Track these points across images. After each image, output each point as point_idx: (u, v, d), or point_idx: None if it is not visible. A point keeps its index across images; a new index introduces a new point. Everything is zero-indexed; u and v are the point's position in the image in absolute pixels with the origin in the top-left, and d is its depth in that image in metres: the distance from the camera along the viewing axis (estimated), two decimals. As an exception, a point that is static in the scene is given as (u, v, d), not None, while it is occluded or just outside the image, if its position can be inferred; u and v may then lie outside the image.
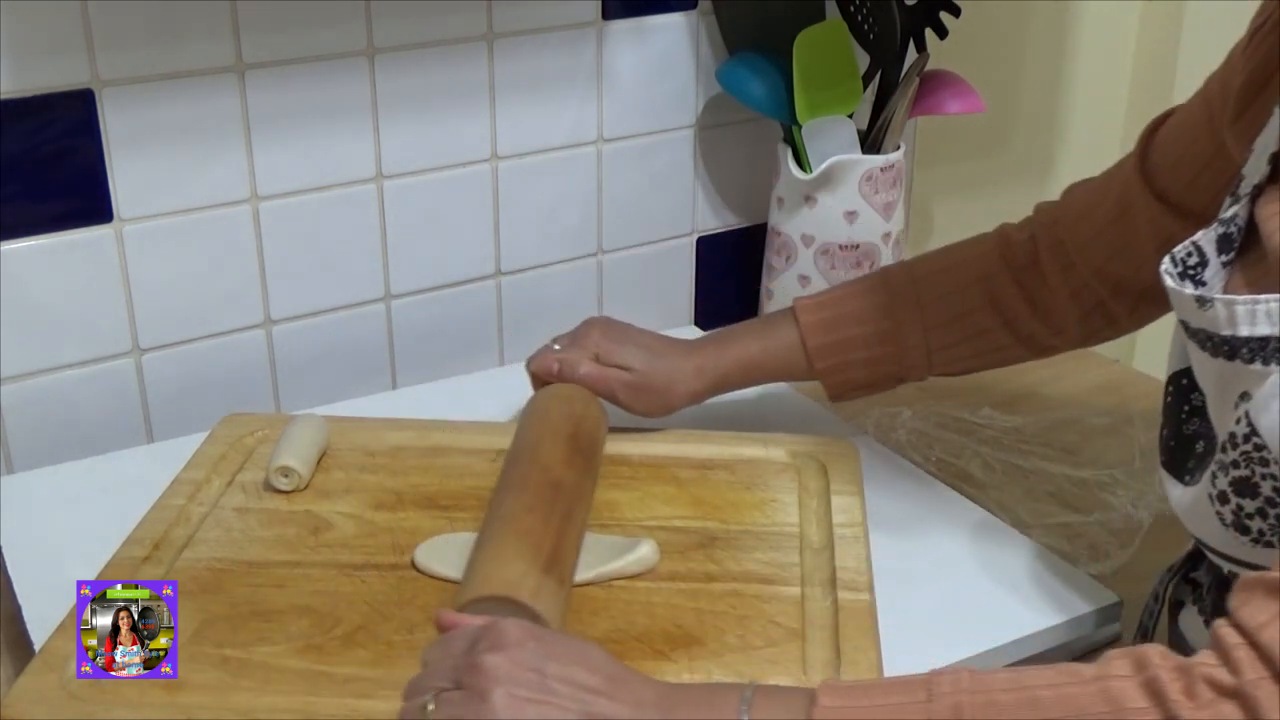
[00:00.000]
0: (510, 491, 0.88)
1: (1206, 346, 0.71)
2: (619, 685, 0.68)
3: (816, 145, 1.23)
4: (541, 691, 0.66)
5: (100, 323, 1.09)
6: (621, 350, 1.01)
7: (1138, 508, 1.07)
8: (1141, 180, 0.93)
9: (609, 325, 1.05)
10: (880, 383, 1.03)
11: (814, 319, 1.02)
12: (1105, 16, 1.61)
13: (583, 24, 1.23)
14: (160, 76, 1.05)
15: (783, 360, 1.03)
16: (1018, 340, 1.00)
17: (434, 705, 0.68)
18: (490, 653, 0.68)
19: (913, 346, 1.01)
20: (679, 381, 1.01)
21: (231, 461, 1.00)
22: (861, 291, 1.03)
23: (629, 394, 1.01)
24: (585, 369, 1.01)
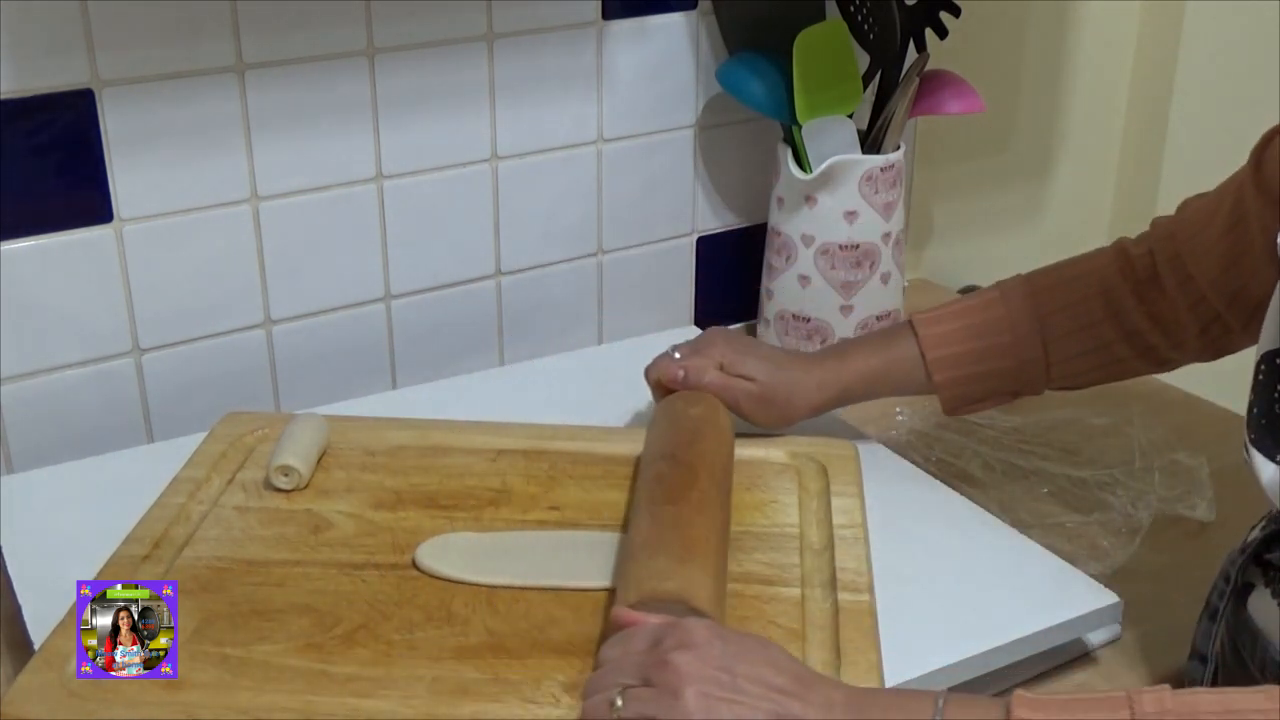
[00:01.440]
0: (665, 498, 0.87)
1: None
2: (807, 686, 0.68)
3: (816, 145, 1.23)
4: (733, 691, 0.67)
5: (100, 323, 1.09)
6: (745, 361, 1.02)
7: (1138, 508, 1.07)
8: (1256, 189, 0.92)
9: (732, 336, 1.06)
10: (997, 396, 1.04)
11: (933, 332, 1.02)
12: (1105, 16, 1.61)
13: (583, 24, 1.23)
14: (160, 76, 1.05)
15: (902, 374, 1.04)
16: (1138, 353, 1.01)
17: (622, 702, 0.68)
18: (679, 650, 0.68)
19: (1032, 360, 1.01)
20: (801, 394, 1.02)
21: (232, 460, 1.00)
22: (980, 305, 1.03)
23: (752, 404, 1.02)
24: (711, 377, 1.01)
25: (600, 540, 0.90)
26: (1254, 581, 0.82)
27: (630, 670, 0.69)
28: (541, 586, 0.85)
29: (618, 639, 0.73)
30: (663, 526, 0.84)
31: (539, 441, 1.03)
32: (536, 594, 0.85)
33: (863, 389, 1.05)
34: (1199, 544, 1.04)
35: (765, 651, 0.70)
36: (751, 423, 1.03)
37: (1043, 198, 1.67)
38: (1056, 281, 1.02)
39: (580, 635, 0.81)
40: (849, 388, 1.04)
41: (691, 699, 0.66)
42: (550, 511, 0.94)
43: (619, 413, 1.11)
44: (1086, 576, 0.93)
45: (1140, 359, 1.01)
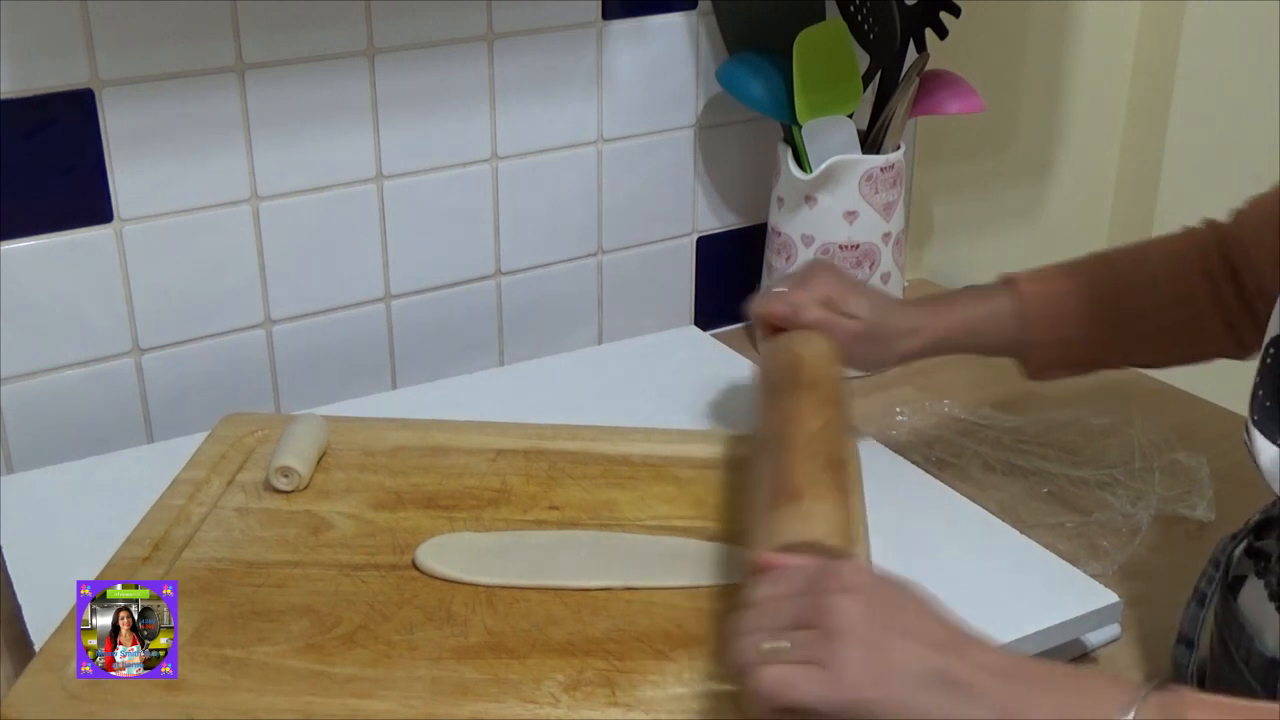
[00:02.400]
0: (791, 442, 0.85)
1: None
2: (964, 643, 0.66)
3: (816, 145, 1.23)
4: (893, 638, 0.65)
5: (100, 323, 1.09)
6: (850, 298, 1.00)
7: (1138, 508, 1.07)
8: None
9: (837, 272, 1.04)
10: (1083, 364, 1.03)
11: (1034, 290, 1.01)
12: (1105, 16, 1.61)
13: (583, 24, 1.23)
14: (160, 76, 1.05)
15: (997, 327, 1.02)
16: (1228, 330, 0.99)
17: (783, 643, 0.66)
18: (840, 594, 0.66)
19: (1132, 332, 1.00)
20: (901, 337, 1.01)
21: (231, 461, 1.00)
22: (1078, 271, 1.02)
23: (855, 343, 1.00)
24: (816, 313, 0.99)
25: (600, 540, 0.90)
26: (1245, 574, 0.82)
27: (786, 613, 0.67)
28: (541, 586, 0.85)
29: (768, 580, 0.70)
30: (796, 471, 0.82)
31: (539, 441, 1.03)
32: (536, 594, 0.85)
33: (958, 339, 1.03)
34: (1199, 544, 1.04)
35: (924, 603, 0.68)
36: (850, 363, 1.01)
37: (1043, 198, 1.67)
38: (1153, 254, 1.01)
39: (580, 635, 0.81)
40: (944, 337, 1.02)
41: (853, 645, 0.64)
42: (550, 511, 0.94)
43: (619, 413, 1.11)
44: (1086, 576, 0.93)
45: (1228, 338, 0.99)
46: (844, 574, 0.68)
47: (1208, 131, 1.61)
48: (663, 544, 0.91)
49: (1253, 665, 0.78)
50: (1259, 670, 0.78)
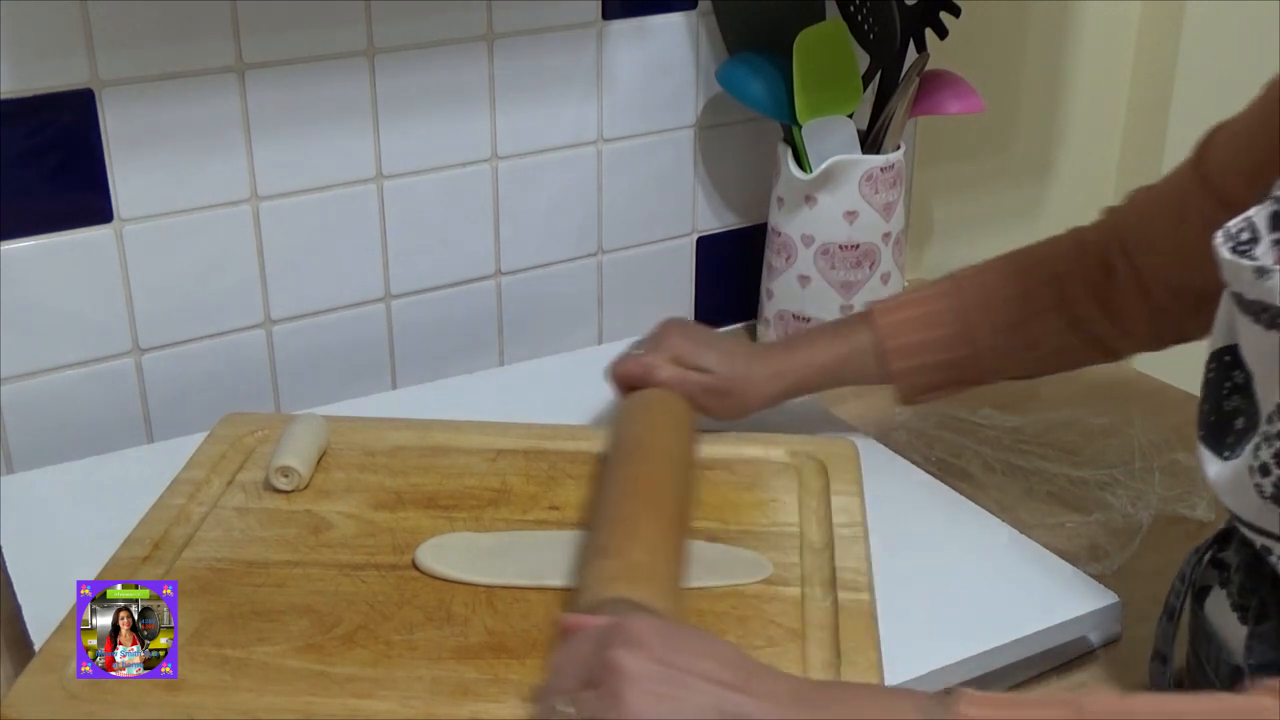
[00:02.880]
0: (618, 497, 0.88)
1: (1261, 319, 0.71)
2: (751, 678, 0.67)
3: (816, 145, 1.23)
4: (675, 686, 0.66)
5: (100, 323, 1.09)
6: (701, 353, 1.03)
7: (1138, 508, 1.07)
8: (1199, 184, 0.93)
9: (687, 327, 1.07)
10: (951, 385, 1.04)
11: (890, 321, 1.03)
12: (1105, 16, 1.61)
13: (583, 24, 1.23)
14: (160, 76, 1.05)
15: (858, 363, 1.04)
16: (1086, 343, 1.01)
17: (570, 708, 0.67)
18: (620, 649, 0.67)
19: (985, 349, 1.01)
20: (756, 385, 1.03)
21: (231, 461, 1.00)
22: (934, 295, 1.04)
23: (708, 397, 1.02)
24: (667, 373, 1.02)
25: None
26: (1210, 584, 0.83)
27: (576, 674, 0.69)
28: (541, 586, 0.85)
29: (564, 645, 0.72)
30: (615, 527, 0.84)
31: (539, 441, 1.03)
32: (536, 594, 0.85)
33: (819, 379, 1.05)
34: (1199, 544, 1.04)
35: (709, 644, 0.69)
36: (708, 414, 1.03)
37: (1043, 198, 1.67)
38: (1009, 270, 1.02)
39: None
40: (805, 378, 1.04)
41: (634, 697, 0.65)
42: (550, 511, 0.94)
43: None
44: (1086, 576, 0.93)
45: (1089, 348, 1.01)
46: (627, 630, 0.68)
47: (1208, 131, 1.61)
48: (663, 544, 0.91)
49: (1221, 674, 0.79)
50: (1226, 679, 0.78)
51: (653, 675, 0.66)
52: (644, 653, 0.67)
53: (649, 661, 0.66)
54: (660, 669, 0.66)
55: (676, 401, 1.01)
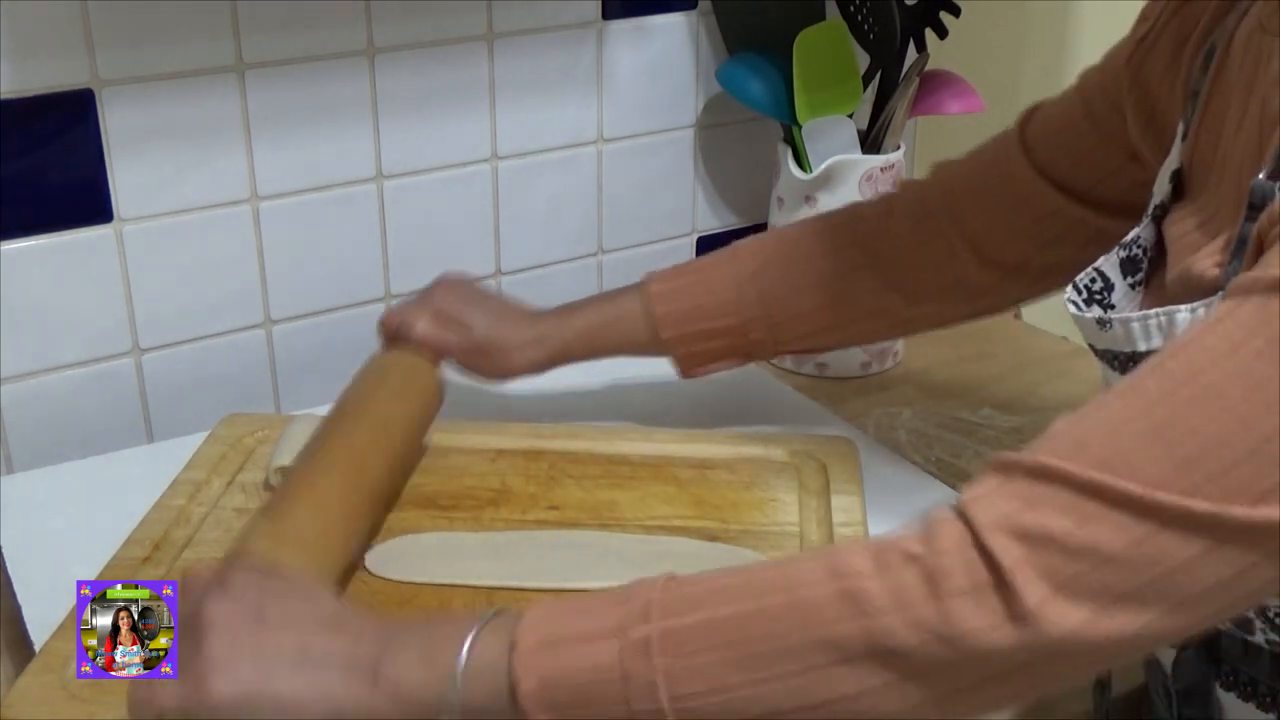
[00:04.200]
0: (307, 458, 0.87)
1: (1114, 365, 0.73)
2: (341, 621, 0.67)
3: (816, 145, 1.23)
4: (258, 632, 0.65)
5: (100, 323, 1.09)
6: (464, 311, 1.00)
7: (1138, 508, 1.06)
8: (1023, 156, 0.94)
9: (457, 284, 1.04)
10: (727, 355, 1.02)
11: (661, 288, 1.01)
12: (1105, 16, 1.61)
13: (583, 24, 1.23)
14: (160, 76, 1.05)
15: (628, 330, 1.01)
16: (869, 314, 0.99)
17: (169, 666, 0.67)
18: (210, 599, 0.67)
19: (756, 319, 0.99)
20: (518, 348, 1.00)
21: (231, 462, 1.00)
22: (711, 264, 1.02)
23: (464, 356, 1.00)
24: (420, 330, 0.99)
25: (600, 540, 0.90)
26: None
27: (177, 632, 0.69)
28: (541, 587, 0.85)
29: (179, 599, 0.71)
30: (288, 488, 0.83)
31: (539, 441, 1.03)
32: (536, 594, 0.85)
33: (585, 345, 1.02)
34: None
35: (305, 590, 0.69)
36: (467, 374, 1.01)
37: (1043, 197, 1.67)
38: (787, 240, 1.02)
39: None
40: (570, 343, 1.02)
41: (213, 643, 0.65)
42: (550, 511, 0.94)
43: (619, 412, 1.11)
44: (1086, 576, 0.93)
45: (872, 319, 1.00)
46: (224, 581, 0.68)
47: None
48: (663, 544, 0.91)
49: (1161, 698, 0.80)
50: (1165, 701, 0.79)
51: (235, 623, 0.66)
52: (232, 601, 0.67)
53: (232, 609, 0.66)
54: (244, 615, 0.66)
55: (417, 363, 0.98)
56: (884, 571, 0.59)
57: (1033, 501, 0.59)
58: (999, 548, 0.57)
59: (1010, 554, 0.57)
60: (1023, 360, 1.18)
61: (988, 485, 0.61)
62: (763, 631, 0.60)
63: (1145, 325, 0.70)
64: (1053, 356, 1.09)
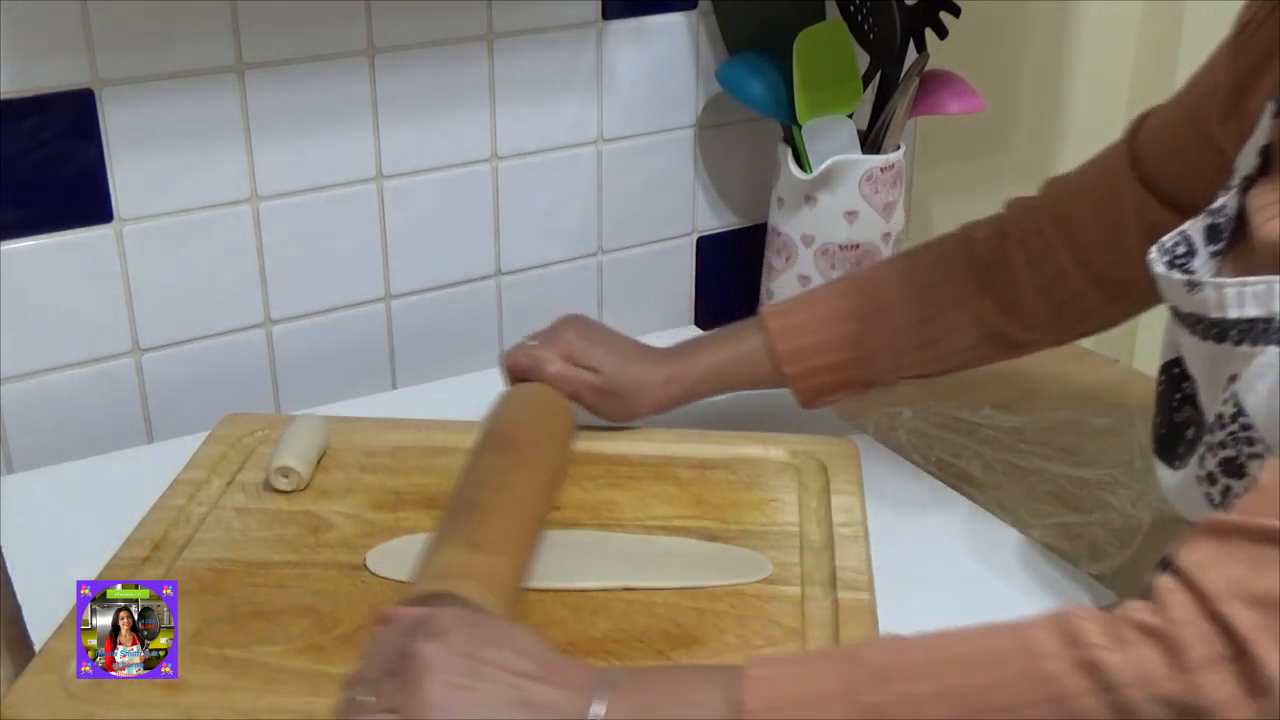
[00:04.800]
0: (477, 488, 0.88)
1: (1196, 330, 0.72)
2: (552, 669, 0.68)
3: (816, 145, 1.23)
4: (473, 677, 0.66)
5: (100, 323, 1.09)
6: (593, 352, 1.01)
7: (1138, 508, 1.07)
8: (1130, 169, 0.93)
9: (584, 325, 1.05)
10: (849, 387, 1.03)
11: (781, 325, 1.02)
12: (1105, 16, 1.61)
13: (583, 24, 1.23)
14: (160, 76, 1.05)
15: (751, 367, 1.03)
16: (987, 339, 1.00)
17: (370, 696, 0.68)
18: (423, 641, 0.67)
19: (880, 350, 1.01)
20: (646, 389, 1.02)
21: (231, 461, 1.00)
22: (828, 296, 1.03)
23: (595, 397, 1.01)
24: (554, 369, 1.01)
25: (600, 540, 0.90)
26: None
27: (379, 664, 0.69)
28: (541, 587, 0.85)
29: (376, 633, 0.72)
30: (465, 519, 0.84)
31: (539, 441, 1.03)
32: (536, 595, 0.85)
33: (712, 383, 1.04)
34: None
35: (512, 636, 0.70)
36: (595, 414, 1.02)
37: (1043, 197, 1.67)
38: (902, 270, 1.02)
39: (580, 635, 0.81)
40: (696, 383, 1.03)
41: (431, 688, 0.65)
42: (550, 511, 0.94)
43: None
44: (1086, 576, 0.94)
45: (990, 344, 1.01)
46: (434, 621, 0.69)
47: (1208, 131, 1.61)
48: (663, 544, 0.91)
49: None
50: None
51: (451, 666, 0.66)
52: (446, 644, 0.67)
53: (449, 653, 0.67)
54: (460, 660, 0.67)
55: (558, 399, 1.00)
56: (1121, 645, 0.59)
57: (1259, 565, 0.58)
58: (1233, 616, 0.58)
59: (1245, 622, 0.57)
60: (1023, 360, 1.17)
61: (1205, 550, 0.61)
62: (1002, 703, 0.61)
63: (1240, 292, 0.69)
64: (1053, 357, 1.09)
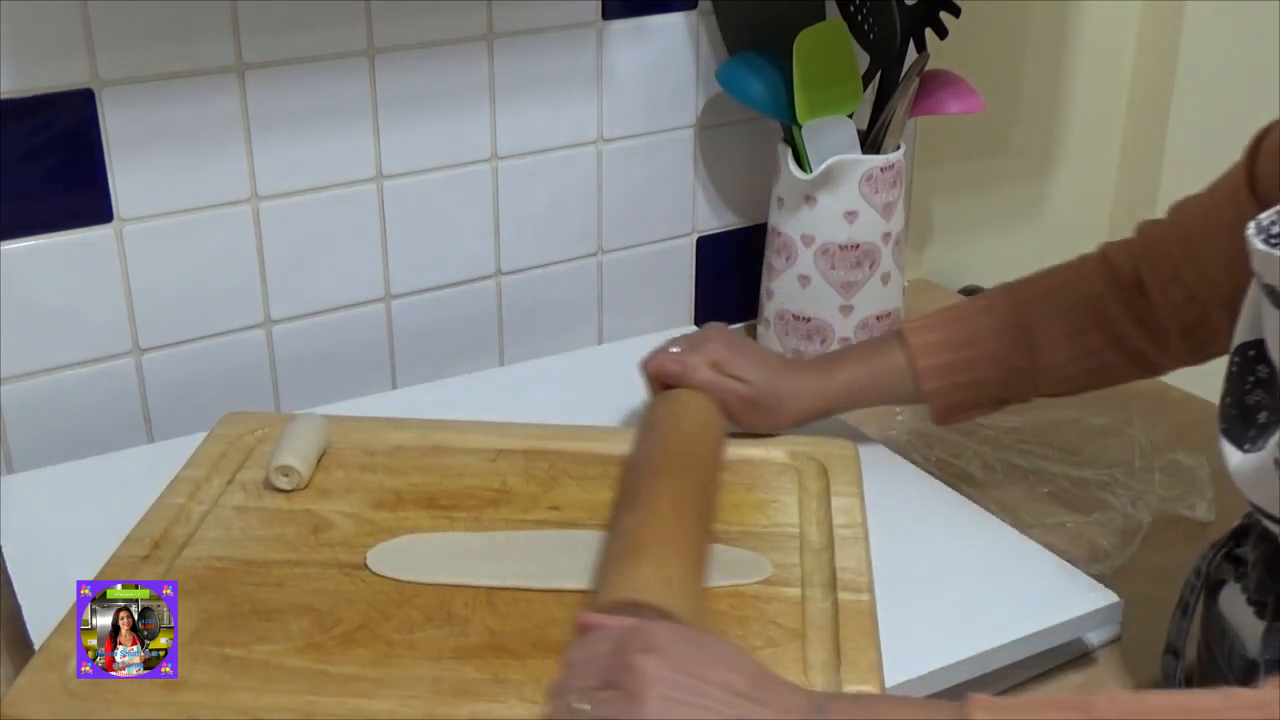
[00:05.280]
0: (652, 499, 0.88)
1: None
2: (767, 690, 0.68)
3: (816, 145, 1.23)
4: (694, 694, 0.66)
5: (100, 323, 1.09)
6: (739, 362, 1.02)
7: (1138, 508, 1.07)
8: (1247, 186, 0.92)
9: (728, 334, 1.06)
10: (986, 405, 1.04)
11: (922, 341, 1.02)
12: (1105, 16, 1.61)
13: (583, 24, 1.23)
14: (160, 76, 1.05)
15: (892, 383, 1.04)
16: (1126, 359, 1.00)
17: (586, 705, 0.68)
18: (642, 654, 0.67)
19: (1020, 369, 1.01)
20: (790, 401, 1.02)
21: (231, 460, 1.00)
22: (968, 315, 1.03)
23: (742, 407, 1.02)
24: (704, 375, 1.01)
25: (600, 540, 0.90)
26: (1225, 578, 0.82)
27: (593, 673, 0.69)
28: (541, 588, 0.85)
29: (582, 643, 0.72)
30: (640, 529, 0.84)
31: (539, 441, 1.03)
32: (537, 595, 0.85)
33: (852, 398, 1.05)
34: (1199, 544, 1.04)
35: (728, 655, 0.70)
36: (739, 425, 1.03)
37: (1043, 198, 1.67)
38: (1043, 290, 1.02)
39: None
40: (838, 397, 1.04)
41: (653, 701, 0.66)
42: (550, 511, 0.94)
43: (619, 413, 1.11)
44: (1086, 576, 0.93)
45: (1129, 364, 1.01)
46: (649, 634, 0.69)
47: (1208, 131, 1.60)
48: (663, 544, 0.91)
49: (1234, 669, 0.79)
50: (1240, 673, 0.78)
51: (671, 681, 0.66)
52: (664, 658, 0.67)
53: (668, 668, 0.67)
54: (678, 676, 0.67)
55: (711, 407, 1.00)
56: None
57: None
58: None
59: None
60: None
61: None
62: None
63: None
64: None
